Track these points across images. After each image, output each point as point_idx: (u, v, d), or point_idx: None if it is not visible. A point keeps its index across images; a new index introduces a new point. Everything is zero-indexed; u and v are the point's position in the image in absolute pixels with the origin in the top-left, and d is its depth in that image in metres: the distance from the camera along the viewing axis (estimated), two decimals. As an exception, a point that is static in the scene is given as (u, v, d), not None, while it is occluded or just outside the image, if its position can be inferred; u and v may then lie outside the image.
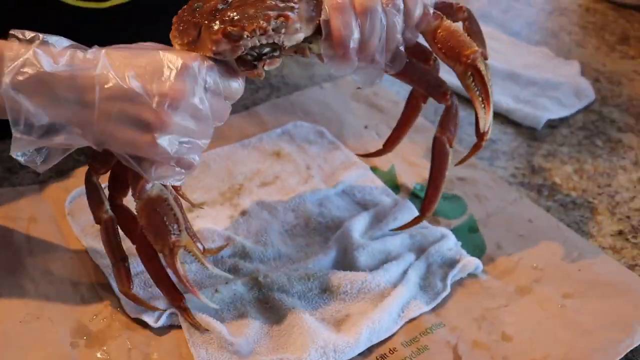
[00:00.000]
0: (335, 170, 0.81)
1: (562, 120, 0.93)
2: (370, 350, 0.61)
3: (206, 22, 0.55)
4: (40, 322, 0.62)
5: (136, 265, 0.64)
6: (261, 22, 0.54)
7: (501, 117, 0.92)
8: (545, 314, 0.65)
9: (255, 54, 0.56)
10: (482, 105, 0.60)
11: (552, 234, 0.74)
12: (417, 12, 0.58)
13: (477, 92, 0.59)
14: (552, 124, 0.92)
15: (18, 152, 0.53)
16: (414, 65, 0.64)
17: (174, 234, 0.55)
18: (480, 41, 0.64)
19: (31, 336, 0.61)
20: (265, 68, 0.57)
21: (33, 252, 0.68)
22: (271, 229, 0.73)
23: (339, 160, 0.83)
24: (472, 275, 0.69)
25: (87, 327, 0.62)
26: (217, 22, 0.55)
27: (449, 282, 0.67)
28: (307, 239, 0.72)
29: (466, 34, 0.60)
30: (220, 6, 0.56)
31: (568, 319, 0.65)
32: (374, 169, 0.82)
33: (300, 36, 0.56)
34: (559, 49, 1.09)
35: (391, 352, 0.62)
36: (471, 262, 0.69)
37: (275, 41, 0.55)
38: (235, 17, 0.54)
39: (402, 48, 0.59)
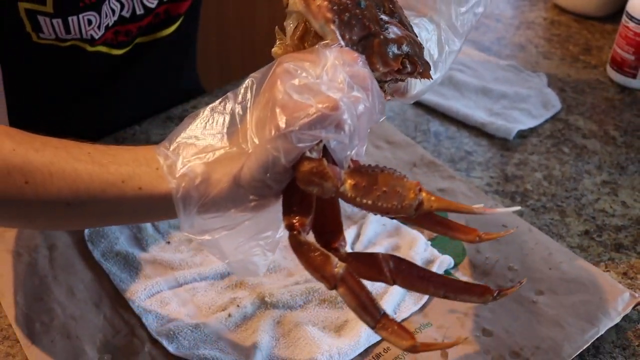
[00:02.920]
0: (327, 187, 0.89)
1: (532, 130, 1.01)
2: (367, 350, 0.69)
3: (381, 36, 0.53)
4: (69, 341, 0.69)
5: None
6: (429, 73, 0.56)
7: (476, 130, 1.00)
8: (521, 309, 0.73)
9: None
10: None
11: (525, 237, 0.82)
12: None
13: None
14: (522, 134, 1.00)
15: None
16: None
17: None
18: None
19: (63, 354, 0.67)
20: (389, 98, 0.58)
21: (57, 277, 0.75)
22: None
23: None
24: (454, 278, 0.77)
25: (111, 343, 0.69)
26: (395, 45, 0.53)
27: (430, 281, 0.75)
28: (304, 253, 0.79)
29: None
30: (383, 17, 0.55)
31: (541, 313, 0.73)
32: (361, 185, 0.89)
33: None
34: (527, 62, 1.17)
35: (385, 351, 0.69)
36: (446, 260, 0.77)
37: None
38: (410, 51, 0.54)
39: None
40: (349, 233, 0.80)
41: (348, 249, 0.77)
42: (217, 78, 2.00)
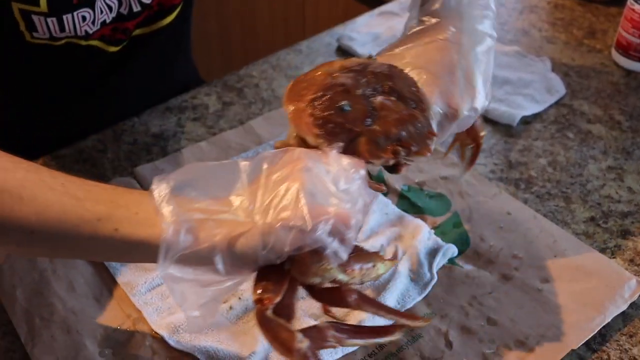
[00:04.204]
0: (328, 177, 0.88)
1: (536, 116, 1.00)
2: (370, 341, 0.68)
3: (365, 132, 0.56)
4: (70, 336, 0.68)
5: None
6: (428, 147, 0.59)
7: (479, 116, 0.99)
8: (526, 298, 0.72)
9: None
10: (467, 165, 0.77)
11: (529, 224, 0.81)
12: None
13: (469, 155, 0.76)
14: (526, 120, 0.99)
15: None
16: None
17: None
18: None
19: (64, 349, 0.67)
20: (402, 172, 0.60)
21: (57, 271, 0.74)
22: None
23: (331, 167, 0.89)
24: (458, 267, 0.76)
25: (112, 337, 0.69)
26: (382, 136, 0.56)
27: (435, 270, 0.74)
28: (306, 244, 0.79)
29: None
30: (371, 112, 0.58)
31: (546, 302, 0.72)
32: (363, 174, 0.88)
33: None
34: (530, 46, 1.16)
35: (389, 341, 0.68)
36: (449, 248, 0.76)
37: None
38: (401, 135, 0.57)
39: None
40: (351, 223, 0.79)
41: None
42: (218, 69, 1.99)
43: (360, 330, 0.58)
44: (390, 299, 0.70)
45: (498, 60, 1.11)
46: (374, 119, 0.57)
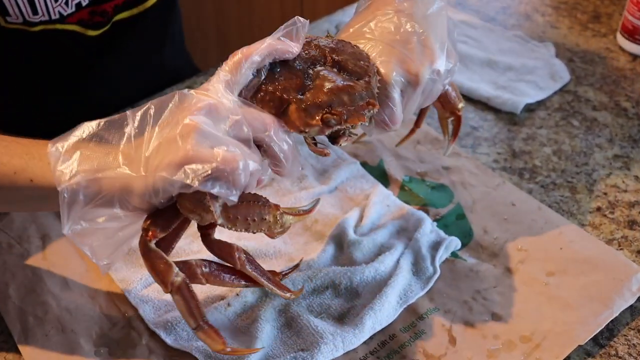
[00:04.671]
0: (328, 168, 0.86)
1: (540, 103, 0.97)
2: (371, 338, 0.67)
3: (295, 100, 0.57)
4: (64, 335, 0.67)
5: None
6: (361, 115, 0.58)
7: (481, 104, 0.97)
8: (531, 292, 0.71)
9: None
10: (451, 139, 0.79)
11: (534, 215, 0.79)
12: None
13: (450, 130, 0.78)
14: (530, 108, 0.97)
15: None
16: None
17: None
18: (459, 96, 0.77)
19: (58, 348, 0.65)
20: (342, 144, 0.61)
21: (50, 268, 0.73)
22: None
23: (330, 158, 0.87)
24: (461, 260, 0.74)
25: (108, 336, 0.67)
26: (313, 105, 0.57)
27: (437, 264, 0.72)
28: (305, 238, 0.77)
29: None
30: (307, 82, 0.58)
31: (552, 296, 0.70)
32: (364, 165, 0.86)
33: None
34: (533, 31, 1.13)
35: (391, 338, 0.67)
36: (452, 241, 0.74)
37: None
38: (333, 103, 0.57)
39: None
40: (352, 215, 0.77)
41: (351, 232, 0.75)
42: (215, 56, 1.96)
43: (231, 273, 0.61)
44: (392, 294, 0.68)
45: (500, 45, 1.08)
46: (307, 89, 0.58)
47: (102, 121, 0.56)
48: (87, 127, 0.56)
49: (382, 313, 0.67)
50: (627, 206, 0.81)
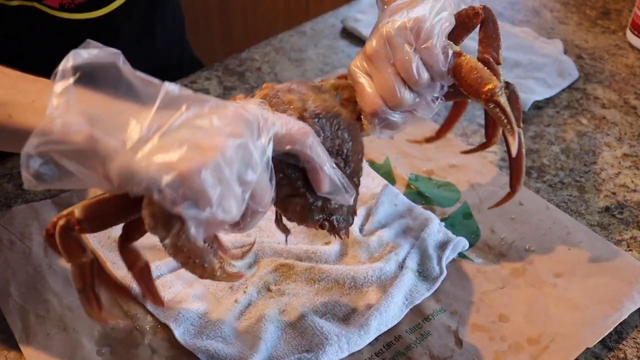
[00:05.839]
0: (333, 165, 0.85)
1: (548, 101, 0.96)
2: (377, 339, 0.66)
3: (307, 198, 0.57)
4: (66, 334, 0.66)
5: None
6: (347, 230, 0.61)
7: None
8: (539, 293, 0.70)
9: None
10: (508, 130, 0.61)
11: (542, 215, 0.78)
12: (439, 59, 0.60)
13: (504, 120, 0.60)
14: (538, 105, 0.95)
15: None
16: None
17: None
18: (495, 44, 0.66)
19: (59, 348, 0.65)
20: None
21: (52, 266, 0.72)
22: (276, 227, 0.76)
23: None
24: (468, 261, 0.73)
25: (110, 335, 0.66)
26: (318, 210, 0.58)
27: (444, 264, 0.71)
28: (310, 237, 0.76)
29: (483, 67, 0.61)
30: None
31: (560, 297, 0.69)
32: (370, 163, 0.85)
33: None
34: (542, 28, 1.12)
35: (396, 339, 0.66)
36: (460, 242, 0.73)
37: None
38: (334, 216, 0.59)
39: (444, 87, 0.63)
40: (358, 214, 0.76)
41: (357, 231, 0.74)
42: (219, 50, 1.95)
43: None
44: (397, 295, 0.67)
45: (508, 41, 1.07)
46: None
47: (137, 74, 0.49)
48: (116, 70, 0.49)
49: (388, 314, 0.66)
50: (636, 206, 0.80)
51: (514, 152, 0.61)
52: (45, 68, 0.92)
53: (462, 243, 0.73)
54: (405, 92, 0.61)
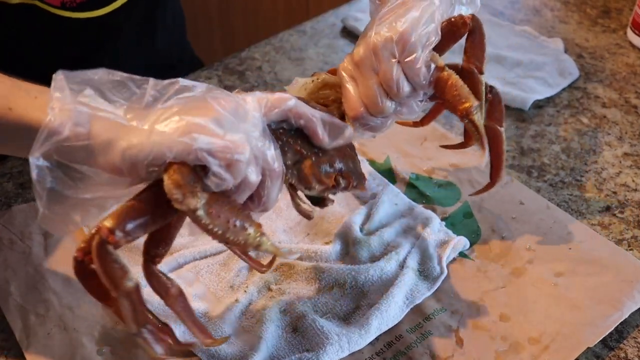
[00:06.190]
0: (333, 164, 0.85)
1: (549, 100, 0.96)
2: (377, 338, 0.66)
3: (313, 158, 0.58)
4: (66, 333, 0.66)
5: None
6: (363, 185, 0.63)
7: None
8: (539, 293, 0.69)
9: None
10: (479, 145, 0.66)
11: (542, 214, 0.78)
12: (420, 72, 0.63)
13: (476, 134, 0.65)
14: (539, 104, 0.95)
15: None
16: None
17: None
18: (480, 55, 0.68)
19: (60, 347, 0.65)
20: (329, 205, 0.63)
21: (52, 265, 0.72)
22: (277, 227, 0.77)
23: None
24: (469, 260, 0.73)
25: (110, 334, 0.66)
26: (327, 164, 0.59)
27: (444, 264, 0.71)
28: (311, 235, 0.76)
29: (463, 85, 0.64)
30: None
31: (561, 297, 0.69)
32: (370, 162, 0.85)
33: None
34: (542, 27, 1.11)
35: (397, 339, 0.66)
36: (460, 241, 0.73)
37: None
38: (343, 168, 0.60)
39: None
40: (359, 213, 0.76)
41: (357, 230, 0.74)
42: (219, 49, 1.94)
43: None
44: (398, 295, 0.67)
45: (508, 41, 1.07)
46: (320, 150, 0.59)
47: (122, 74, 0.52)
48: (105, 73, 0.52)
49: (389, 313, 0.66)
50: (637, 205, 0.80)
51: (483, 164, 0.67)
52: (46, 67, 0.92)
53: (462, 242, 0.73)
54: (386, 101, 0.64)
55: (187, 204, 0.48)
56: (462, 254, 0.73)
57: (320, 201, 0.63)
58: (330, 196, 0.62)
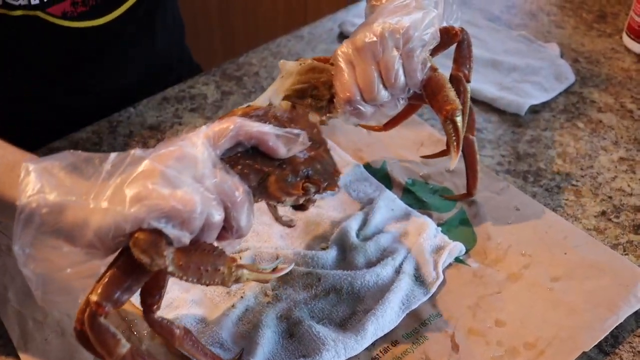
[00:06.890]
0: (330, 170, 0.85)
1: (544, 105, 0.96)
2: (373, 344, 0.66)
3: (277, 172, 0.58)
4: (64, 339, 0.66)
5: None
6: (335, 182, 0.62)
7: (485, 105, 0.96)
8: (535, 298, 0.70)
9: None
10: (454, 147, 0.69)
11: (538, 219, 0.78)
12: (417, 68, 0.67)
13: (453, 137, 0.68)
14: (534, 109, 0.96)
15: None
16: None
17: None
18: (467, 64, 0.73)
19: (58, 353, 0.65)
20: (310, 207, 0.63)
21: (50, 271, 0.72)
22: (273, 233, 0.77)
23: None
24: (465, 265, 0.73)
25: (108, 340, 0.66)
26: (292, 174, 0.59)
27: (440, 269, 0.72)
28: (307, 241, 0.76)
29: (451, 88, 0.68)
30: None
31: (557, 301, 0.69)
32: (367, 167, 0.86)
33: None
34: (538, 31, 1.12)
35: (393, 344, 0.66)
36: (456, 246, 0.74)
37: None
38: (310, 172, 0.60)
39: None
40: (356, 219, 0.77)
41: (354, 235, 0.74)
42: (218, 54, 1.95)
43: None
44: (394, 300, 0.68)
45: (505, 45, 1.07)
46: (282, 160, 0.59)
47: (83, 154, 0.55)
48: (69, 155, 0.54)
49: (384, 319, 0.66)
50: (632, 210, 0.80)
51: (452, 167, 0.70)
52: (47, 76, 0.93)
53: (458, 248, 0.73)
54: (382, 89, 0.66)
55: (156, 265, 0.50)
56: (458, 260, 0.74)
57: (300, 206, 0.63)
58: (312, 197, 0.62)
